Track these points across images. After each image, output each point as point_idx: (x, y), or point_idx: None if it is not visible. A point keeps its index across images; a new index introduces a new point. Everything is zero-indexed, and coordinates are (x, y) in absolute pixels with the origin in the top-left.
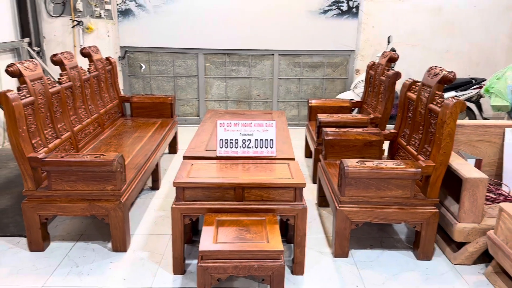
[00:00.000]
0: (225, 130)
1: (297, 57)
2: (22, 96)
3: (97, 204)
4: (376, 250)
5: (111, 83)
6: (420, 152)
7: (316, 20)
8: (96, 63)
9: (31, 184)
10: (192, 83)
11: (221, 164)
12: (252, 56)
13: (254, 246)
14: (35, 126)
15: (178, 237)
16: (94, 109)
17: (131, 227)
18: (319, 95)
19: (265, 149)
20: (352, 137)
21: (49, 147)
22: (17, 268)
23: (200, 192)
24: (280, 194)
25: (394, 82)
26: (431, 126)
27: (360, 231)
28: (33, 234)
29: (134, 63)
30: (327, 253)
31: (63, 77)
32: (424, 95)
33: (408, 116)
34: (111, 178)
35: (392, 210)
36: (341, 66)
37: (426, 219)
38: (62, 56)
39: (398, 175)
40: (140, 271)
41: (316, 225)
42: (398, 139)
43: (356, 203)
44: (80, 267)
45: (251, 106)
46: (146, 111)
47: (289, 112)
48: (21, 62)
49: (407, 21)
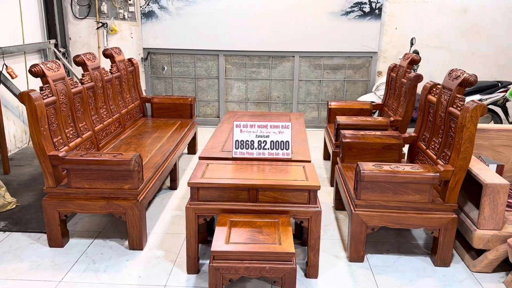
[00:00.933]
0: (241, 131)
1: (318, 59)
2: (45, 96)
3: (115, 203)
4: (393, 255)
5: (133, 84)
6: (439, 156)
7: (338, 21)
8: (118, 64)
9: (51, 182)
10: (212, 84)
11: (236, 165)
12: (272, 58)
13: (266, 247)
14: (57, 125)
15: (192, 237)
16: (115, 109)
17: (148, 225)
18: (340, 97)
19: (281, 150)
20: (371, 140)
21: (70, 146)
22: (37, 263)
23: (214, 192)
24: (294, 196)
25: (415, 84)
26: (451, 130)
27: (377, 236)
28: (53, 231)
29: (156, 65)
30: (342, 257)
31: (85, 78)
32: (445, 98)
33: (428, 120)
34: (128, 177)
35: (409, 215)
36: (363, 68)
37: (444, 225)
38: (84, 57)
39: (416, 179)
40: (155, 269)
41: (332, 229)
42: (418, 143)
43: (372, 207)
44: (97, 264)
45: (271, 108)
46: (167, 112)
47: (309, 114)
48: (44, 63)
49: (431, 23)
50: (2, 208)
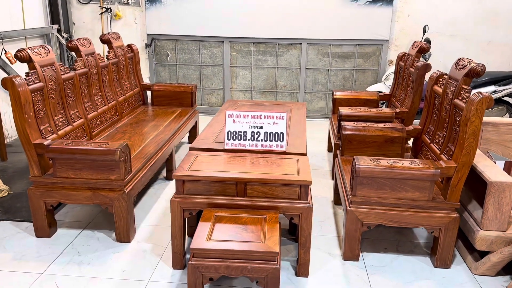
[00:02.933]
0: (233, 121)
1: (326, 47)
2: (30, 82)
3: (101, 193)
4: (390, 254)
5: (132, 70)
6: (443, 151)
7: (347, 7)
8: (116, 50)
9: (37, 171)
10: (217, 72)
11: (227, 157)
12: (279, 45)
13: (248, 246)
14: (44, 112)
15: (177, 231)
16: (111, 97)
17: (139, 217)
18: (348, 86)
19: (275, 142)
20: (372, 132)
21: (59, 134)
22: (21, 253)
23: (201, 185)
24: (284, 191)
25: (423, 74)
26: (456, 124)
27: (375, 233)
28: (39, 221)
29: (160, 51)
30: (337, 255)
31: (78, 64)
32: (450, 89)
33: (434, 112)
34: (114, 168)
35: (408, 213)
36: (373, 57)
37: (445, 224)
38: (78, 42)
39: (415, 175)
40: (141, 263)
41: (329, 224)
42: (422, 136)
43: (368, 204)
44: (82, 256)
45: (277, 97)
46: (167, 100)
47: (316, 104)
48: (31, 48)
49: (447, 10)
50: None
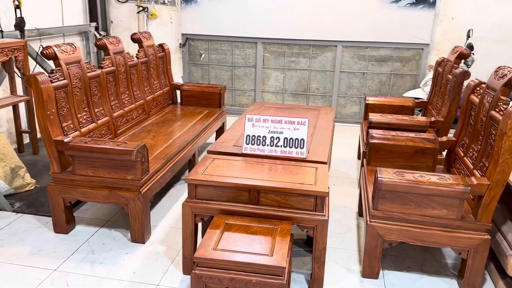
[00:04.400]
0: (253, 125)
1: (363, 49)
2: (54, 79)
3: (117, 193)
4: (414, 273)
5: (162, 70)
6: (476, 167)
7: (386, 9)
8: (146, 50)
9: (56, 167)
10: (249, 73)
11: (244, 162)
12: (313, 47)
13: (254, 258)
14: (68, 110)
15: (188, 236)
16: (139, 95)
17: (157, 218)
18: (385, 91)
19: (295, 149)
20: (402, 142)
21: (82, 131)
22: (38, 248)
23: (213, 191)
24: (298, 201)
25: (461, 82)
26: (491, 137)
27: (399, 250)
28: (57, 217)
29: (194, 51)
30: (355, 271)
31: (105, 62)
32: (488, 99)
33: (469, 123)
34: (131, 168)
35: (433, 232)
36: (413, 61)
37: (474, 246)
38: (106, 40)
39: (442, 192)
40: (152, 266)
41: (350, 237)
42: (456, 149)
43: (390, 219)
44: (96, 255)
45: (309, 100)
46: (196, 100)
47: (349, 109)
48: (58, 45)
49: (493, 13)
50: (20, 188)
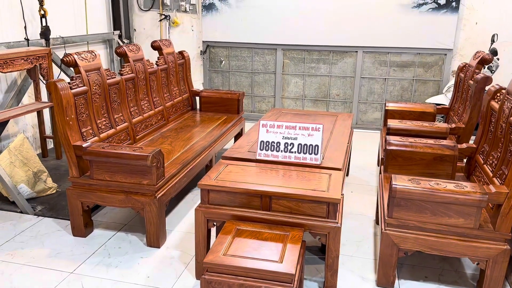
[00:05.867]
0: (267, 131)
1: (384, 55)
2: (74, 86)
3: (134, 197)
4: (431, 284)
5: (182, 76)
6: (496, 174)
7: (408, 14)
8: (166, 57)
9: (75, 172)
10: (269, 79)
11: (257, 168)
12: (333, 53)
13: (263, 265)
14: (87, 115)
15: (201, 241)
16: (159, 102)
17: (173, 222)
18: (407, 97)
19: (309, 155)
20: (420, 149)
21: (101, 137)
22: (56, 251)
23: (225, 196)
24: (311, 208)
25: (482, 87)
26: (511, 145)
27: (416, 259)
28: (76, 220)
29: (214, 58)
30: (370, 280)
31: (125, 69)
32: (508, 105)
33: (490, 130)
34: (147, 173)
35: (450, 241)
36: (435, 67)
37: (492, 257)
38: (126, 48)
39: (459, 200)
40: (166, 270)
41: (367, 245)
42: (476, 156)
43: (405, 228)
44: (112, 258)
45: (329, 106)
46: (214, 106)
47: (370, 115)
48: (78, 53)
49: None
50: (42, 192)
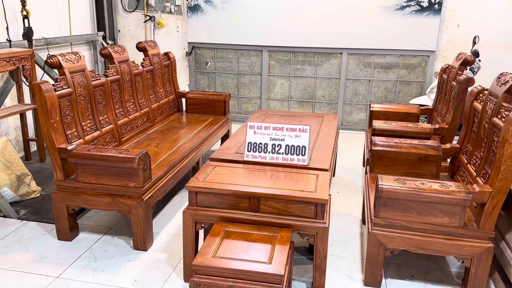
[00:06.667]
0: (254, 133)
1: (368, 57)
2: (59, 88)
3: (120, 200)
4: (417, 282)
5: (168, 78)
6: (479, 174)
7: (391, 16)
8: (152, 58)
9: (60, 175)
10: (255, 80)
11: (245, 169)
12: (318, 55)
13: (252, 266)
14: (72, 118)
15: (189, 244)
16: (144, 103)
17: (160, 225)
18: (391, 98)
19: (296, 156)
20: (405, 149)
21: (86, 139)
22: (41, 255)
23: (213, 198)
24: (299, 209)
25: (465, 88)
26: (494, 144)
27: (402, 258)
28: (61, 224)
29: (200, 59)
30: (358, 279)
31: (110, 70)
32: (490, 106)
33: (473, 130)
34: (133, 175)
35: (435, 240)
36: (418, 68)
37: (477, 255)
38: (111, 49)
39: (444, 199)
40: (154, 273)
41: (354, 245)
42: (460, 156)
43: (392, 227)
44: (98, 262)
45: (315, 107)
46: (201, 108)
47: (355, 116)
48: (62, 54)
49: (500, 20)
50: (26, 196)
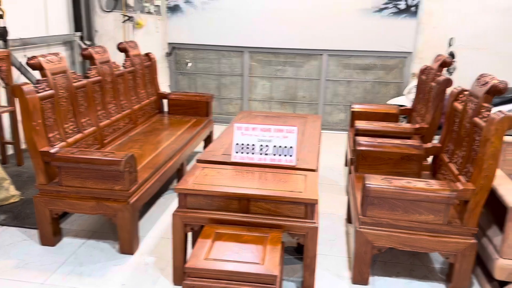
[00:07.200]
0: (242, 134)
1: (348, 58)
2: (40, 89)
3: (105, 204)
4: (403, 279)
5: (149, 79)
6: (461, 172)
7: (370, 19)
8: (133, 59)
9: (43, 178)
10: (236, 81)
11: (233, 171)
12: (299, 56)
13: (246, 267)
14: (54, 120)
15: (178, 246)
16: (126, 105)
17: (146, 228)
18: (370, 99)
19: (284, 157)
20: (388, 149)
21: (68, 142)
22: (24, 261)
23: (203, 200)
24: (288, 209)
25: (444, 89)
26: (475, 143)
27: (388, 256)
28: (44, 229)
29: (180, 60)
30: (346, 277)
31: (92, 72)
32: (471, 106)
33: (454, 130)
34: (119, 178)
35: (421, 237)
36: (396, 69)
37: (461, 251)
38: (92, 50)
39: (429, 197)
40: (141, 277)
41: (340, 244)
42: (441, 155)
43: (379, 225)
44: (84, 267)
45: (296, 108)
46: (183, 109)
47: (336, 116)
48: (44, 55)
49: (474, 22)
50: (4, 201)
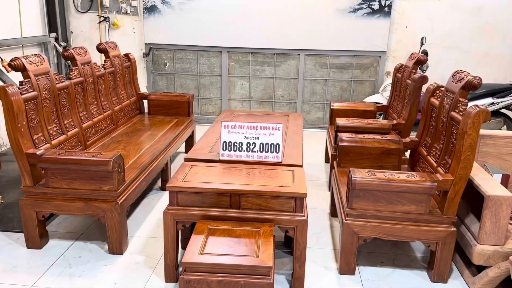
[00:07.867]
0: (229, 132)
1: (324, 57)
2: (24, 91)
3: (94, 204)
4: (387, 268)
5: (129, 79)
6: (440, 164)
7: (345, 19)
8: (113, 59)
9: (28, 181)
10: (215, 81)
11: (222, 168)
12: (277, 56)
13: (241, 260)
14: (38, 122)
15: (170, 244)
16: (107, 106)
17: (133, 228)
18: (346, 97)
19: (271, 154)
20: (369, 144)
21: (52, 143)
22: (12, 265)
23: (194, 197)
24: (279, 203)
25: (419, 86)
26: (452, 136)
27: (372, 246)
28: (30, 232)
29: (158, 60)
30: (333, 268)
31: (73, 73)
32: (447, 101)
33: (431, 124)
34: (107, 178)
35: (404, 227)
36: (371, 68)
37: (441, 238)
38: (74, 51)
39: (411, 188)
40: (133, 276)
41: (325, 237)
42: (419, 149)
43: (364, 217)
44: (73, 268)
45: (275, 107)
46: (164, 109)
47: (314, 115)
48: (26, 57)
49: (444, 22)
50: None
